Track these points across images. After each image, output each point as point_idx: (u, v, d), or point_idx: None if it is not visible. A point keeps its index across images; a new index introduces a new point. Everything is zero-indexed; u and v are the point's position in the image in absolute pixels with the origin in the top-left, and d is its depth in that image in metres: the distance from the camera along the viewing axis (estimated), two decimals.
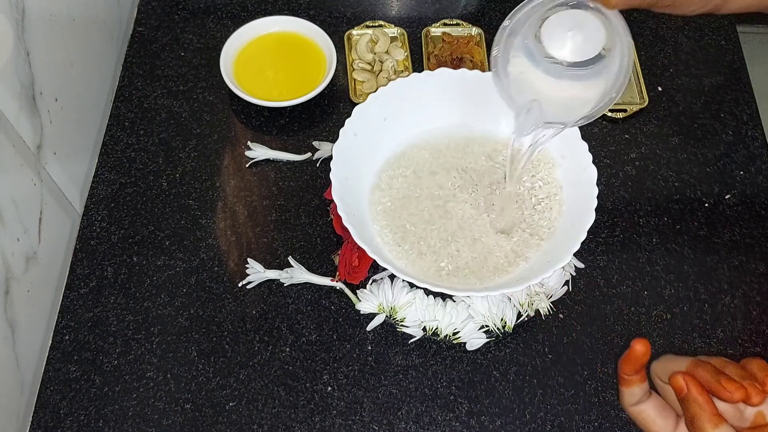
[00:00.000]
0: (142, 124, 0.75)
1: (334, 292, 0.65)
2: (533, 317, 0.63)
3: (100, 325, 0.63)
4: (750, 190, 0.72)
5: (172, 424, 0.59)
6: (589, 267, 0.67)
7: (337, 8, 0.84)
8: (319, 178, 0.72)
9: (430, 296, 0.62)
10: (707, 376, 0.41)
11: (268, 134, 0.75)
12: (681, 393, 0.41)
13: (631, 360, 0.43)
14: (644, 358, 0.43)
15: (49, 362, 0.62)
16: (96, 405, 0.60)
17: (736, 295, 0.66)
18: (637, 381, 0.44)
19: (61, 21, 0.68)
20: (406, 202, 0.64)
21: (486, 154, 0.67)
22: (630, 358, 0.43)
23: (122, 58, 0.80)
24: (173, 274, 0.66)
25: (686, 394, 0.41)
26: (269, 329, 0.64)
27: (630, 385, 0.44)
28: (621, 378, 0.45)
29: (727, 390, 0.40)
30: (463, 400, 0.61)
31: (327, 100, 0.77)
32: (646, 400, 0.45)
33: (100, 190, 0.71)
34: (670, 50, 0.82)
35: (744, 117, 0.77)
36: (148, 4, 0.84)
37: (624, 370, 0.44)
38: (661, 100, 0.78)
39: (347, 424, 0.60)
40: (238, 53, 0.78)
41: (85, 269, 0.66)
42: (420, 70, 0.75)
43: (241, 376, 0.61)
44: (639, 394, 0.44)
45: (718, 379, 0.40)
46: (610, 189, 0.72)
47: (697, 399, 0.40)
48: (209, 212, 0.70)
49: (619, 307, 0.65)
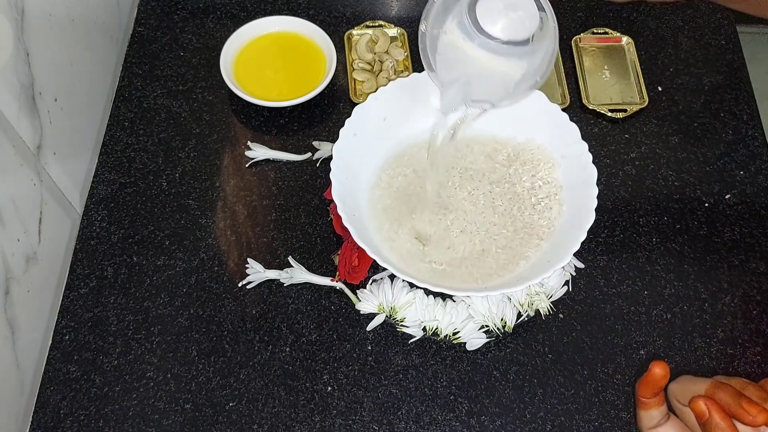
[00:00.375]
0: (142, 124, 0.75)
1: (334, 292, 0.65)
2: (533, 317, 0.63)
3: (100, 325, 0.63)
4: (750, 190, 0.72)
5: (172, 423, 0.59)
6: (589, 267, 0.67)
7: (337, 8, 0.84)
8: (319, 178, 0.72)
9: (430, 296, 0.62)
10: (728, 399, 0.40)
11: (268, 134, 0.75)
12: (702, 418, 0.40)
13: (650, 383, 0.42)
14: (663, 381, 0.42)
15: (49, 362, 0.62)
16: (96, 405, 0.60)
17: (736, 295, 0.66)
18: (655, 404, 0.43)
19: (61, 21, 0.68)
20: (406, 201, 0.64)
21: (486, 153, 0.67)
22: (648, 381, 0.42)
23: (122, 58, 0.80)
24: (173, 274, 0.66)
25: (708, 419, 0.40)
26: (269, 329, 0.64)
27: (648, 408, 0.43)
28: (639, 401, 0.44)
29: (750, 414, 0.39)
30: (463, 400, 0.61)
31: (327, 100, 0.77)
32: (664, 423, 0.44)
33: (100, 190, 0.71)
34: (670, 50, 0.82)
35: (744, 116, 0.77)
36: (148, 4, 0.84)
37: (642, 392, 0.43)
38: (661, 100, 0.78)
39: (347, 423, 0.60)
40: (238, 53, 0.78)
41: (85, 269, 0.66)
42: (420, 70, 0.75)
43: (241, 375, 0.61)
44: (657, 417, 0.44)
45: (740, 402, 0.39)
46: (610, 189, 0.72)
47: (719, 424, 0.39)
48: (209, 212, 0.70)
49: (619, 307, 0.65)
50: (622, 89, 0.78)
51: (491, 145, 0.67)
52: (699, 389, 0.42)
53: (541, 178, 0.65)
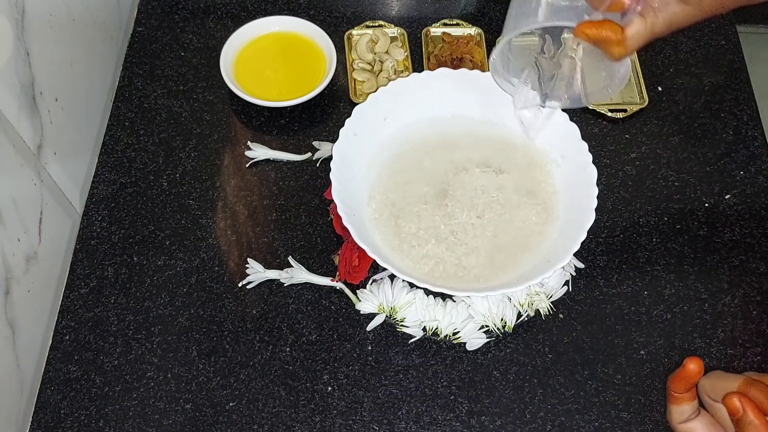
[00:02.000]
0: (142, 124, 0.75)
1: (334, 292, 0.65)
2: (533, 317, 0.63)
3: (100, 325, 0.63)
4: (750, 190, 0.72)
5: (172, 423, 0.59)
6: (589, 267, 0.67)
7: (337, 8, 0.84)
8: (319, 178, 0.72)
9: (430, 296, 0.62)
10: (761, 397, 0.40)
11: (268, 134, 0.75)
12: (736, 415, 0.40)
13: (683, 378, 0.43)
14: (697, 378, 0.42)
15: (49, 362, 0.62)
16: (96, 405, 0.60)
17: (736, 295, 0.66)
18: (687, 399, 0.44)
19: (61, 21, 0.68)
20: (406, 201, 0.64)
21: (487, 153, 0.67)
22: (682, 377, 0.43)
23: (122, 58, 0.80)
24: (173, 274, 0.66)
25: (742, 416, 0.40)
26: (269, 329, 0.64)
27: (680, 403, 0.44)
28: (671, 395, 0.44)
29: None
30: (464, 400, 0.61)
31: (327, 100, 0.77)
32: (695, 417, 0.44)
33: (100, 190, 0.71)
34: (670, 50, 0.82)
35: (744, 117, 0.77)
36: (148, 4, 0.84)
37: (674, 387, 0.43)
38: (661, 100, 0.78)
39: (347, 423, 0.60)
40: (238, 53, 0.78)
41: (86, 269, 0.66)
42: (420, 70, 0.75)
43: (241, 375, 0.61)
44: (688, 412, 0.44)
45: None
46: (610, 189, 0.72)
47: (753, 422, 0.40)
48: (209, 212, 0.70)
49: (619, 307, 0.65)
50: (622, 89, 0.78)
51: (492, 145, 0.67)
52: (731, 386, 0.42)
53: (541, 177, 0.65)
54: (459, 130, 0.68)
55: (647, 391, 0.61)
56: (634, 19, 0.48)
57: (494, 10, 0.84)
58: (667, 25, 0.49)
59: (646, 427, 0.60)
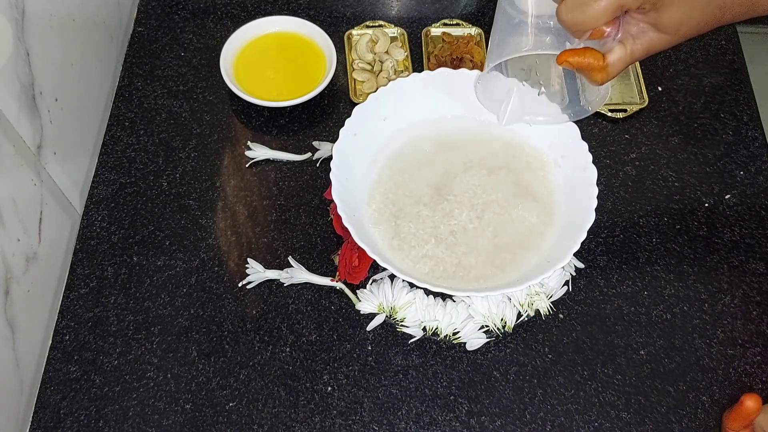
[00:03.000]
0: (142, 124, 0.75)
1: (334, 292, 0.65)
2: (533, 317, 0.63)
3: (100, 325, 0.63)
4: (750, 190, 0.72)
5: (172, 424, 0.59)
6: (589, 267, 0.67)
7: (337, 8, 0.84)
8: (319, 178, 0.72)
9: (430, 296, 0.62)
10: None
11: (268, 134, 0.75)
12: None
13: (741, 415, 0.43)
14: (755, 415, 0.42)
15: (49, 362, 0.62)
16: (96, 405, 0.60)
17: (736, 295, 0.66)
18: None
19: (61, 21, 0.68)
20: (406, 201, 0.64)
21: (487, 153, 0.67)
22: (740, 414, 0.42)
23: (122, 58, 0.80)
24: (173, 274, 0.66)
25: None
26: (269, 329, 0.64)
27: None
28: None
29: None
30: (463, 400, 0.61)
31: (327, 100, 0.77)
32: None
33: (100, 190, 0.71)
34: (670, 50, 0.82)
35: (744, 117, 0.77)
36: (148, 4, 0.84)
37: (731, 426, 0.43)
38: (661, 100, 0.78)
39: (347, 424, 0.60)
40: (238, 53, 0.78)
41: (85, 269, 0.66)
42: (420, 70, 0.75)
43: (241, 376, 0.61)
44: None
45: None
46: (610, 189, 0.72)
47: None
48: (209, 212, 0.70)
49: (619, 307, 0.65)
50: (622, 89, 0.78)
51: (492, 145, 0.67)
52: None
53: (541, 178, 0.65)
54: (459, 131, 0.68)
55: (647, 391, 0.61)
56: (615, 46, 0.49)
57: (494, 11, 0.84)
58: (645, 51, 0.50)
59: (645, 427, 0.60)
